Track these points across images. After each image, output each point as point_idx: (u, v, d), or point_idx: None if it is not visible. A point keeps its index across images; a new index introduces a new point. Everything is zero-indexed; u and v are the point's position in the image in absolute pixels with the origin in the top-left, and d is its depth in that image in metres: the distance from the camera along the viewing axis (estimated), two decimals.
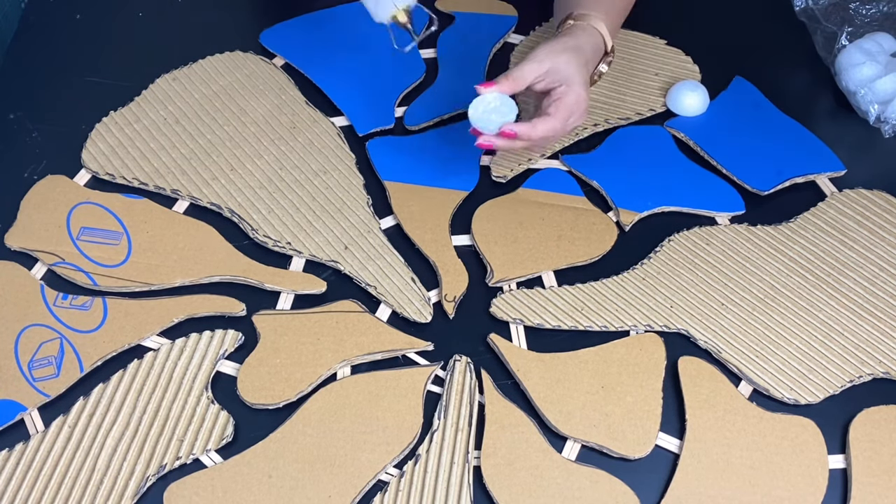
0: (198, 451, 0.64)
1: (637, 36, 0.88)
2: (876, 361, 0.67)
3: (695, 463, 0.63)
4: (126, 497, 0.62)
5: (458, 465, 0.63)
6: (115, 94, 0.83)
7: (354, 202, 0.76)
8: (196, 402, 0.66)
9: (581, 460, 0.64)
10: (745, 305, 0.70)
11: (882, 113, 0.78)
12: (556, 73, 0.69)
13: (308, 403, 0.66)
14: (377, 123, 0.81)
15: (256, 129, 0.81)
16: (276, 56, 0.87)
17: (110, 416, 0.65)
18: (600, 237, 0.74)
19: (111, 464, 0.63)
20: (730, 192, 0.77)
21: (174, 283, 0.72)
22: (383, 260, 0.73)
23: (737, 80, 0.84)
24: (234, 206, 0.76)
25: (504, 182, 0.78)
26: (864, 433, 0.64)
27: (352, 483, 0.62)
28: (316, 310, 0.70)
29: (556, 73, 0.69)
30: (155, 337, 0.69)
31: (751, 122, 0.81)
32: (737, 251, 0.73)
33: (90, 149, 0.79)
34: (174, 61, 0.85)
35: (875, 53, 0.80)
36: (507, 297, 0.71)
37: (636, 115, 0.82)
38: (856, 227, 0.74)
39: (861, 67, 0.79)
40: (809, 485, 0.62)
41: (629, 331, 0.69)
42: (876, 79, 0.78)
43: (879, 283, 0.71)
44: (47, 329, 0.69)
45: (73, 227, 0.74)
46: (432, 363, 0.68)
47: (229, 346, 0.68)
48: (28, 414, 0.66)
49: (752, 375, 0.67)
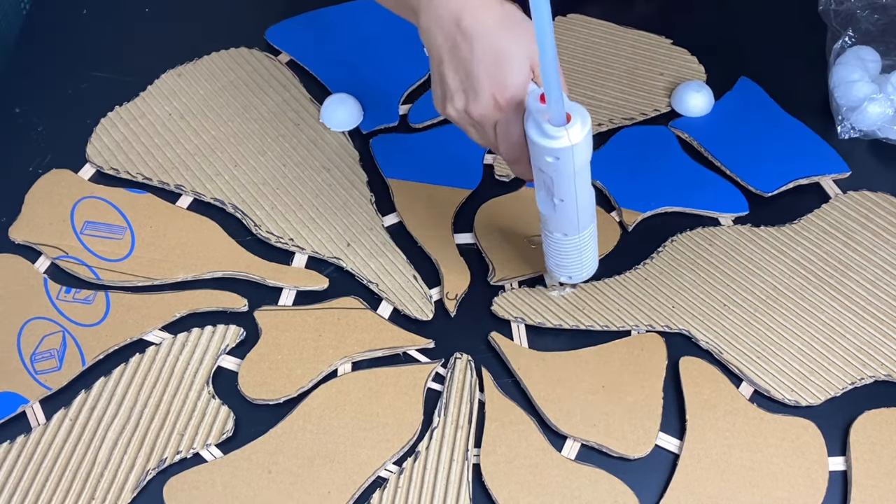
0: (198, 446, 0.64)
1: (642, 35, 0.87)
2: (878, 364, 0.67)
3: (695, 463, 0.63)
4: (126, 490, 0.62)
5: (458, 462, 0.63)
6: (121, 90, 0.83)
7: (357, 199, 0.76)
8: (197, 396, 0.66)
9: (580, 459, 0.64)
10: (747, 306, 0.70)
11: (847, 118, 0.78)
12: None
13: (308, 399, 0.66)
14: (381, 121, 0.82)
15: (260, 126, 0.81)
16: (282, 53, 0.87)
17: (111, 409, 0.65)
18: (603, 237, 0.74)
19: (112, 457, 0.63)
20: (733, 193, 0.77)
21: (177, 278, 0.72)
22: (385, 257, 0.73)
23: (742, 80, 0.84)
24: (237, 201, 0.76)
25: (507, 181, 0.78)
26: (864, 435, 0.64)
27: (351, 479, 0.62)
28: (318, 306, 0.70)
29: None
30: (157, 331, 0.69)
31: (755, 123, 0.81)
32: (739, 252, 0.73)
33: (95, 143, 0.80)
34: (179, 57, 0.86)
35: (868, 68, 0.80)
36: (509, 296, 0.71)
37: (640, 115, 0.82)
38: (859, 230, 0.74)
39: (857, 83, 0.78)
40: (809, 486, 0.62)
41: (630, 331, 0.69)
42: (858, 81, 0.78)
43: (882, 286, 0.71)
44: (50, 322, 0.69)
45: (77, 221, 0.75)
46: (433, 360, 0.68)
47: (231, 342, 0.69)
48: (30, 406, 0.66)
49: (753, 376, 0.67)
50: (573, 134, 0.54)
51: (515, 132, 0.57)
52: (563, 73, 0.53)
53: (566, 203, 0.59)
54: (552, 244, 0.65)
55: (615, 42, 0.87)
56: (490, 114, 0.57)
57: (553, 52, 0.49)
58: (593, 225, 0.64)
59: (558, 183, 0.58)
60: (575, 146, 0.54)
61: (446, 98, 0.59)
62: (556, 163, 0.56)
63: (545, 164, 0.56)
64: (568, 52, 0.86)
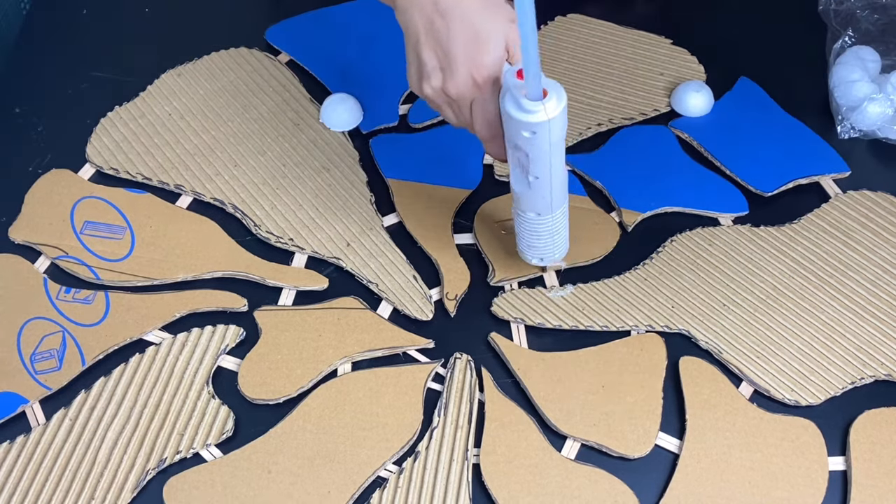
0: (198, 446, 0.64)
1: (642, 35, 0.87)
2: (878, 363, 0.67)
3: (694, 463, 0.63)
4: (126, 490, 0.62)
5: (458, 462, 0.63)
6: (120, 90, 0.83)
7: (357, 199, 0.76)
8: (197, 396, 0.66)
9: (580, 459, 0.64)
10: (746, 306, 0.70)
11: (847, 118, 0.78)
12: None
13: (308, 399, 0.66)
14: (381, 121, 0.82)
15: (260, 126, 0.81)
16: (281, 53, 0.87)
17: (111, 409, 0.65)
18: (603, 237, 0.74)
19: (111, 457, 0.63)
20: (733, 193, 0.77)
21: (176, 278, 0.72)
22: (385, 257, 0.73)
23: (742, 80, 0.84)
24: (237, 201, 0.76)
25: (507, 181, 0.78)
26: (864, 435, 0.64)
27: (351, 479, 0.62)
28: (317, 306, 0.70)
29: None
30: (157, 331, 0.69)
31: (755, 122, 0.81)
32: (739, 252, 0.73)
33: (95, 143, 0.80)
34: (179, 57, 0.86)
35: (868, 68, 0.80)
36: (509, 297, 0.71)
37: (640, 115, 0.82)
38: (859, 229, 0.74)
39: (857, 83, 0.78)
40: (809, 486, 0.62)
41: (630, 331, 0.69)
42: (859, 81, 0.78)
43: (882, 285, 0.71)
44: (50, 322, 0.69)
45: (77, 221, 0.75)
46: (433, 361, 0.68)
47: (231, 342, 0.69)
48: (29, 406, 0.66)
49: (753, 376, 0.67)
50: (550, 108, 0.55)
51: (491, 110, 0.58)
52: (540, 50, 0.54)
53: (541, 181, 0.60)
54: (525, 224, 0.66)
55: (615, 42, 0.87)
56: (467, 92, 0.58)
57: (533, 27, 0.50)
58: (566, 205, 0.65)
59: (534, 158, 0.58)
60: (552, 120, 0.55)
61: (422, 77, 0.59)
62: (532, 138, 0.56)
63: (522, 139, 0.57)
64: (568, 52, 0.86)
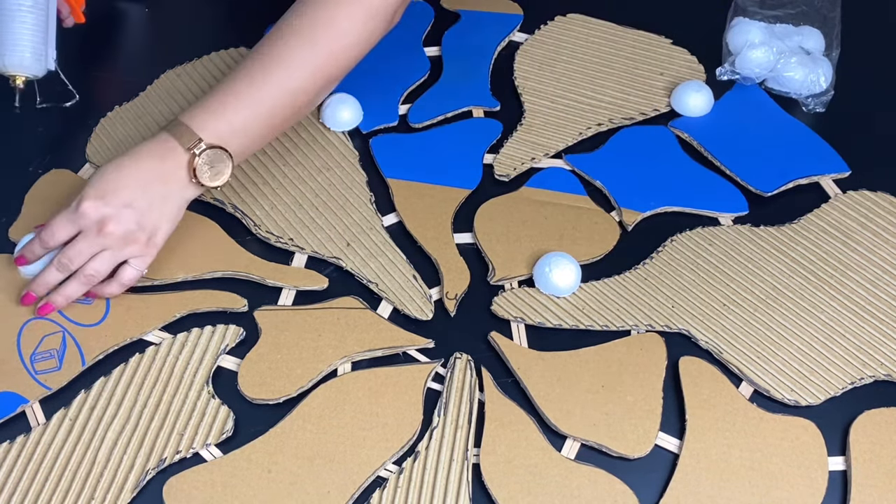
0: (198, 446, 0.64)
1: (642, 35, 0.87)
2: (877, 363, 0.67)
3: (694, 463, 0.63)
4: (126, 490, 0.62)
5: (458, 462, 0.63)
6: (121, 90, 0.83)
7: (357, 199, 0.76)
8: (197, 396, 0.66)
9: (580, 459, 0.64)
10: (746, 306, 0.70)
11: (728, 60, 0.82)
12: None
13: (308, 399, 0.66)
14: (381, 121, 0.82)
15: None
16: None
17: (111, 409, 0.65)
18: (603, 237, 0.74)
19: (111, 457, 0.63)
20: (733, 193, 0.77)
21: (176, 278, 0.72)
22: (385, 257, 0.73)
23: (742, 80, 0.84)
24: (237, 201, 0.76)
25: (507, 180, 0.78)
26: (864, 435, 0.64)
27: (351, 479, 0.62)
28: (317, 306, 0.70)
29: None
30: (156, 331, 0.69)
31: (755, 122, 0.81)
32: (739, 252, 0.73)
33: (95, 143, 0.80)
34: (179, 57, 0.86)
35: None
36: (509, 296, 0.71)
37: (640, 115, 0.82)
38: (859, 229, 0.74)
39: (744, 27, 0.83)
40: (809, 486, 0.62)
41: (630, 330, 0.69)
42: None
43: (882, 286, 0.71)
44: (50, 322, 0.69)
45: None
46: (433, 360, 0.68)
47: (230, 342, 0.69)
48: (29, 406, 0.66)
49: (752, 376, 0.67)
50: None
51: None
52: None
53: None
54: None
55: (615, 42, 0.87)
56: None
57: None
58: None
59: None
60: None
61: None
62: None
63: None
64: (568, 52, 0.86)
